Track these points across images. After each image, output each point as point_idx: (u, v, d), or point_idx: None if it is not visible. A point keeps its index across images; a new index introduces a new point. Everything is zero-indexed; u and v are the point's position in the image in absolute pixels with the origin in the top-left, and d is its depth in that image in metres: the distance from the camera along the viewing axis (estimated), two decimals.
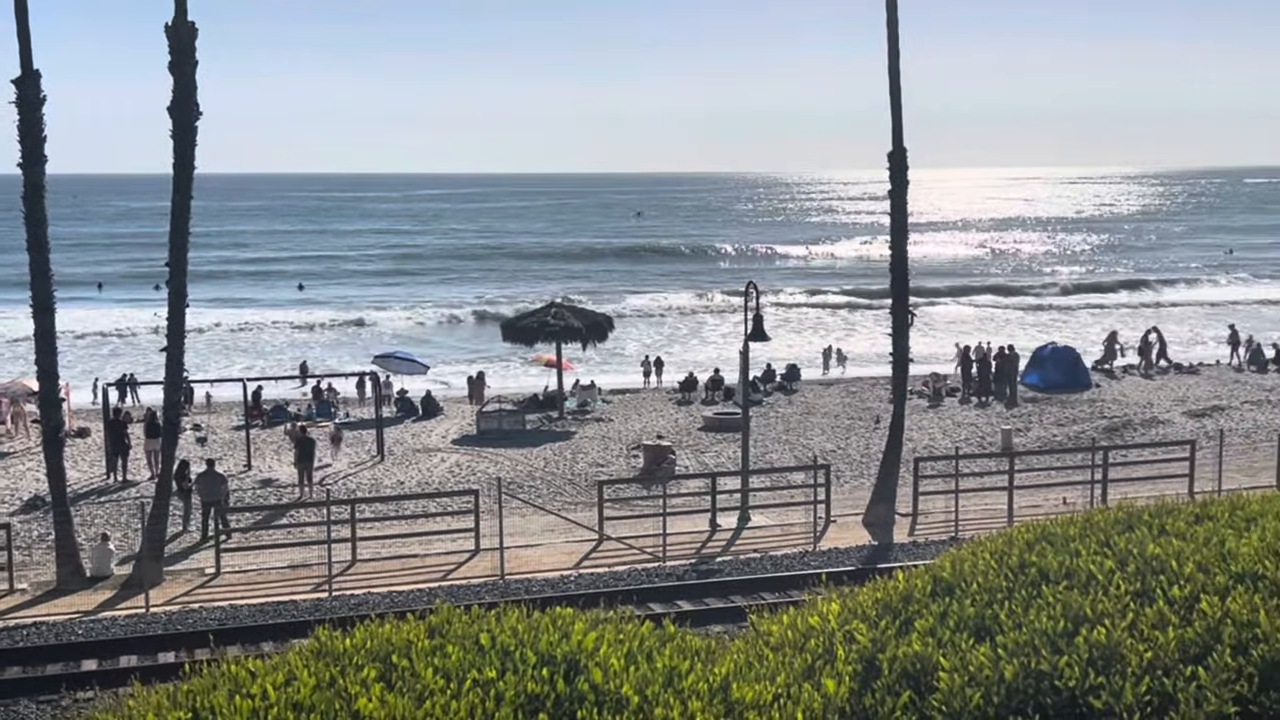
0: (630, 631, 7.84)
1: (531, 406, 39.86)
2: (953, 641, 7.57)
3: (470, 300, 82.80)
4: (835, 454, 33.02)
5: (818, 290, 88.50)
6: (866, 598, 8.57)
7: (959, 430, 36.25)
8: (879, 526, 26.01)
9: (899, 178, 27.55)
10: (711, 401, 41.44)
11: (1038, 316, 74.16)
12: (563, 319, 38.77)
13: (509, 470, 31.54)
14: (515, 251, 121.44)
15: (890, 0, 26.95)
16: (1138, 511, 9.69)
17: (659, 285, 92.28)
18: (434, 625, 8.11)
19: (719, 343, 62.84)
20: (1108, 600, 7.89)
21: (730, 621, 19.23)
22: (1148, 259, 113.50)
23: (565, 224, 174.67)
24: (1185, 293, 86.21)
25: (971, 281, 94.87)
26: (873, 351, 55.28)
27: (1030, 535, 9.35)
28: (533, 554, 24.24)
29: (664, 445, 32.33)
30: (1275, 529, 8.97)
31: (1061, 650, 7.29)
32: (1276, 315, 72.60)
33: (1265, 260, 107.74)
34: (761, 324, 27.21)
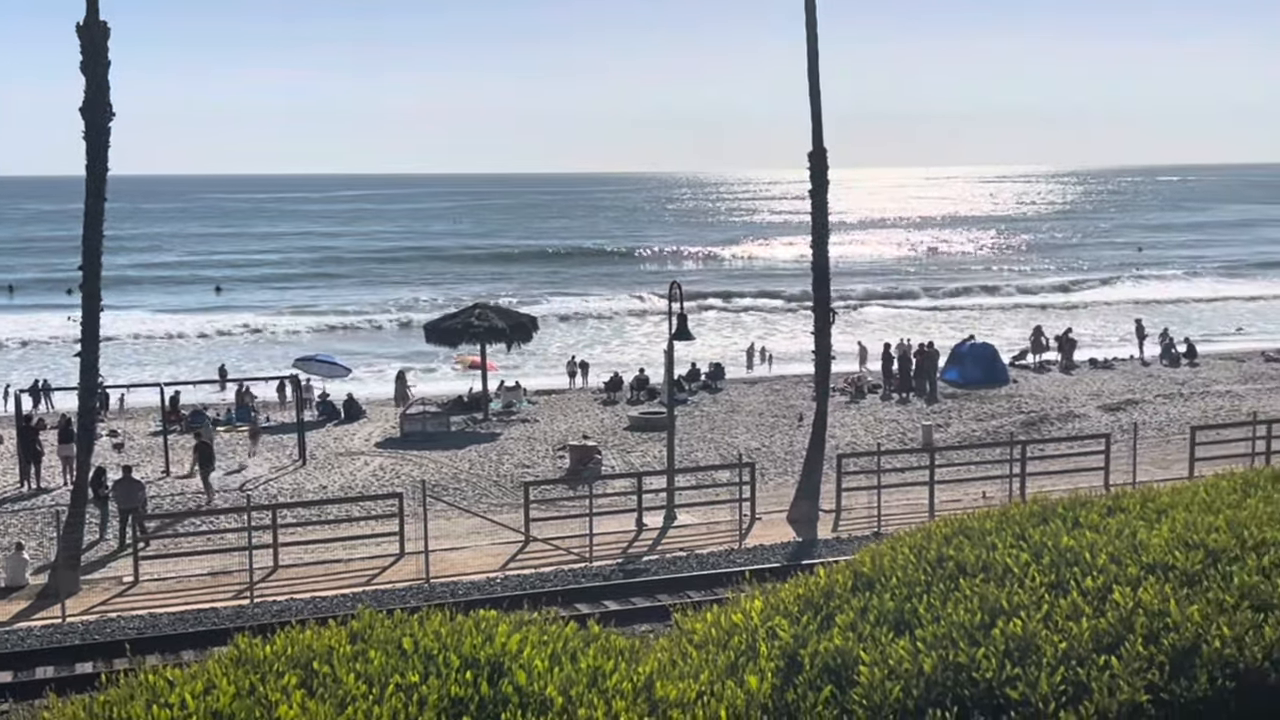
0: (554, 633, 7.84)
1: (456, 408, 39.63)
2: (873, 636, 7.67)
3: (392, 302, 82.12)
4: (760, 452, 33.23)
5: (742, 290, 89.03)
6: (789, 594, 8.64)
7: (881, 426, 36.66)
8: (803, 523, 26.22)
9: (819, 178, 27.79)
10: (637, 401, 41.51)
11: (954, 314, 75.18)
12: (487, 320, 38.59)
13: (434, 473, 31.34)
14: (437, 253, 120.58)
15: (809, 3, 27.22)
16: (1052, 505, 9.88)
17: (582, 286, 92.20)
18: (356, 630, 8.05)
19: (642, 343, 62.96)
20: (1023, 592, 8.04)
21: (657, 620, 19.27)
22: (1063, 256, 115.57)
23: (489, 224, 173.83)
24: (1098, 289, 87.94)
25: (892, 280, 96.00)
26: (797, 349, 55.70)
27: (948, 529, 9.50)
28: (459, 556, 24.12)
29: (590, 445, 32.33)
30: (1185, 520, 9.19)
31: (979, 642, 7.41)
32: (1184, 311, 74.34)
33: (1174, 257, 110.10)
34: (685, 323, 27.30)
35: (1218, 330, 65.25)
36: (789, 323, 69.99)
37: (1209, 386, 41.94)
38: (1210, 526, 8.94)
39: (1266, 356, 48.53)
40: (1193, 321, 67.04)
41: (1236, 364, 47.17)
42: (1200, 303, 78.06)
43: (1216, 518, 9.16)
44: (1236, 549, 8.53)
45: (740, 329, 68.70)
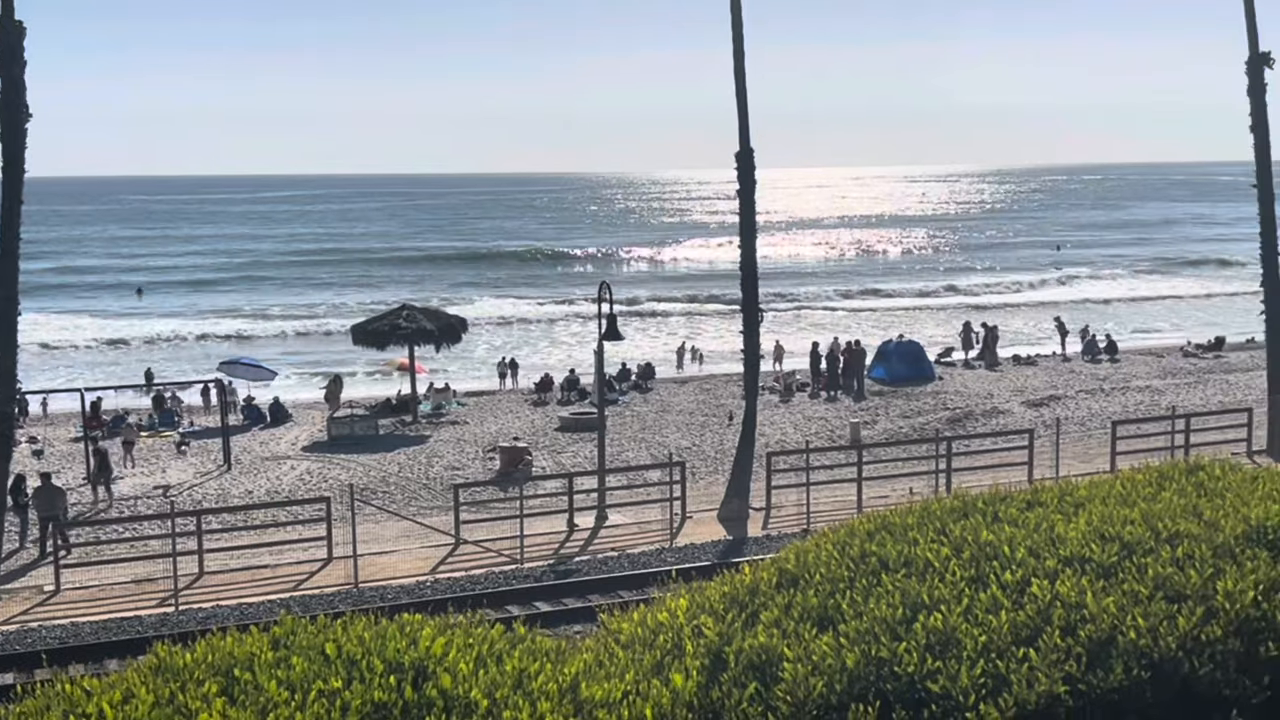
0: (480, 635, 7.82)
1: (384, 411, 39.33)
2: (797, 632, 7.74)
3: (318, 305, 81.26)
4: (690, 451, 33.35)
5: (672, 289, 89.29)
6: (714, 592, 8.69)
7: (810, 424, 36.94)
8: (734, 521, 26.37)
9: (747, 177, 27.97)
10: (567, 402, 41.47)
11: (880, 313, 75.92)
12: (415, 321, 38.34)
13: (362, 476, 31.09)
14: (364, 255, 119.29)
15: (735, 3, 27.38)
16: (973, 500, 10.02)
17: (512, 288, 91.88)
18: (278, 636, 7.96)
19: (572, 344, 62.90)
20: (944, 587, 8.14)
21: (589, 621, 19.28)
22: (985, 255, 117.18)
23: (418, 225, 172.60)
24: (1020, 287, 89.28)
25: (819, 279, 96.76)
26: (727, 349, 55.94)
27: (871, 525, 9.60)
28: (388, 560, 23.95)
29: (520, 447, 32.25)
30: (1101, 513, 9.36)
31: (900, 637, 7.50)
32: (1103, 308, 75.74)
33: (1094, 256, 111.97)
34: (615, 323, 27.31)
35: (1136, 326, 66.56)
36: (719, 322, 70.26)
37: (1129, 382, 42.74)
38: (1125, 519, 9.12)
39: (1185, 352, 49.57)
40: (1111, 318, 68.30)
41: (1156, 359, 48.14)
42: (1120, 302, 79.43)
43: (1132, 511, 9.35)
44: (1151, 541, 8.71)
45: (670, 329, 68.86)
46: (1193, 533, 8.82)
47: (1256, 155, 30.98)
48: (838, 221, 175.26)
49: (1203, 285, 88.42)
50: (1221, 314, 69.84)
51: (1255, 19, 30.39)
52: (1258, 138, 30.95)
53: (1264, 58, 30.47)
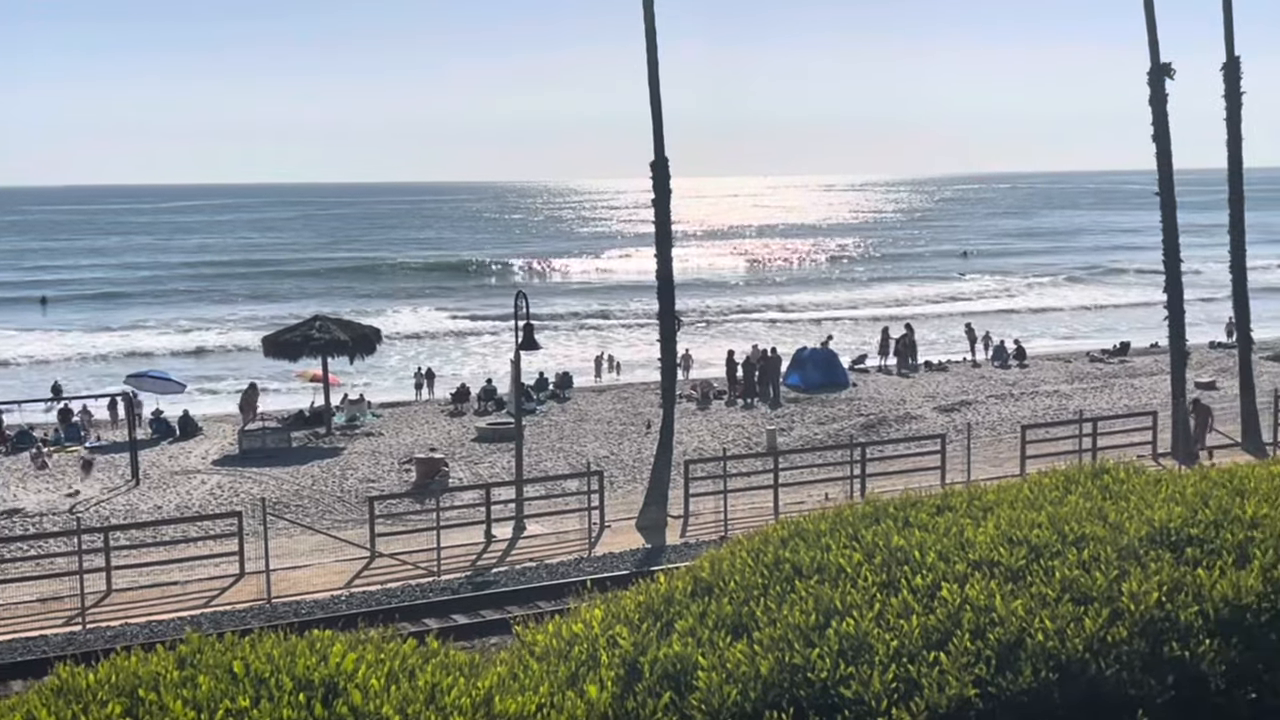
0: (391, 650, 7.72)
1: (297, 423, 38.80)
2: (711, 640, 7.73)
3: (226, 317, 79.94)
4: (609, 460, 33.35)
5: (589, 298, 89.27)
6: (630, 602, 8.66)
7: (727, 432, 37.12)
8: (652, 529, 26.43)
9: (662, 187, 28.10)
10: (484, 412, 41.24)
11: (795, 320, 76.54)
12: (328, 332, 37.90)
13: (274, 490, 30.64)
14: (276, 267, 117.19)
15: (648, 13, 27.49)
16: (884, 505, 10.10)
17: (426, 299, 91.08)
18: (184, 655, 7.78)
19: (487, 354, 62.54)
20: (856, 592, 8.19)
21: (507, 632, 19.19)
22: (896, 262, 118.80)
23: (330, 236, 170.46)
24: (930, 294, 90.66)
25: (734, 288, 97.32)
26: (644, 358, 56.02)
27: (785, 532, 9.63)
28: (302, 575, 23.65)
29: (436, 458, 32.02)
30: (1009, 517, 9.49)
31: (814, 643, 7.53)
32: (1010, 315, 77.14)
33: (1003, 265, 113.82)
34: (532, 333, 27.28)
35: (1043, 332, 67.85)
36: (636, 331, 70.36)
37: (1038, 387, 43.54)
38: (1033, 523, 9.24)
39: (1091, 357, 50.61)
40: (1018, 324, 69.52)
41: (1063, 364, 49.08)
42: (1030, 312, 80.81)
43: (1039, 514, 9.48)
44: (1058, 544, 8.84)
45: (588, 338, 68.83)
46: (1098, 535, 8.97)
47: (1159, 164, 31.76)
48: (754, 231, 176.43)
49: (1107, 292, 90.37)
50: (1126, 320, 71.46)
51: (1156, 31, 31.17)
52: (1159, 147, 31.74)
53: (1165, 69, 31.26)
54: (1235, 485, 10.24)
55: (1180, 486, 10.26)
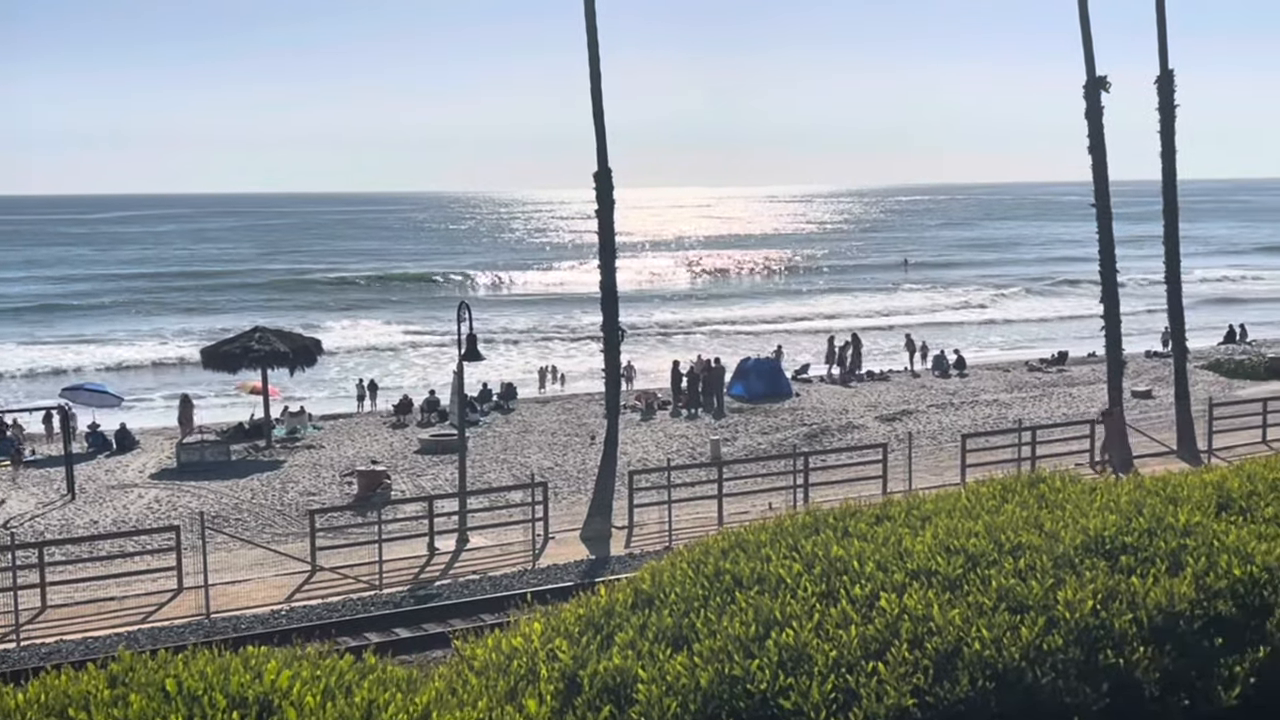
0: (328, 667, 7.63)
1: (237, 436, 38.35)
2: (651, 653, 7.72)
3: (164, 329, 78.82)
4: (553, 471, 33.27)
5: (533, 309, 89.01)
6: (570, 614, 8.63)
7: (671, 442, 37.16)
8: (596, 540, 26.38)
9: (605, 198, 28.12)
10: (428, 424, 40.98)
11: (738, 331, 76.82)
12: (268, 343, 37.51)
13: (213, 504, 30.27)
14: (215, 279, 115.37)
15: (590, 24, 27.52)
16: (824, 515, 10.15)
17: (369, 310, 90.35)
18: (116, 673, 7.65)
19: (430, 366, 62.17)
20: (796, 603, 8.22)
21: (449, 646, 19.04)
22: (838, 273, 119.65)
23: (270, 246, 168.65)
24: (871, 303, 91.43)
25: (678, 299, 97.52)
26: (588, 368, 55.97)
27: (725, 543, 9.65)
28: (241, 590, 23.36)
29: (379, 470, 31.77)
30: (947, 526, 9.56)
31: (754, 654, 7.54)
32: (949, 325, 77.94)
33: (942, 277, 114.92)
34: (475, 344, 27.17)
35: (982, 341, 68.60)
36: (580, 343, 70.28)
37: (978, 396, 43.98)
38: (970, 532, 9.32)
39: (1030, 366, 51.19)
40: (955, 333, 70.25)
41: (1003, 374, 49.62)
42: (969, 323, 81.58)
43: (976, 523, 9.57)
44: (994, 553, 8.92)
45: (532, 349, 68.66)
46: (1034, 544, 9.06)
47: (1094, 176, 32.20)
48: (699, 242, 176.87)
49: (1046, 302, 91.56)
50: (1064, 330, 72.42)
51: (1092, 45, 31.65)
52: (1095, 159, 32.19)
53: (1100, 82, 31.73)
54: (1168, 493, 10.39)
55: (1115, 495, 10.40)
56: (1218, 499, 10.29)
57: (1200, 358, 49.21)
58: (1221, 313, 70.53)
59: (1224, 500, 10.29)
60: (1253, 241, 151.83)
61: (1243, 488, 10.60)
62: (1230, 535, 9.14)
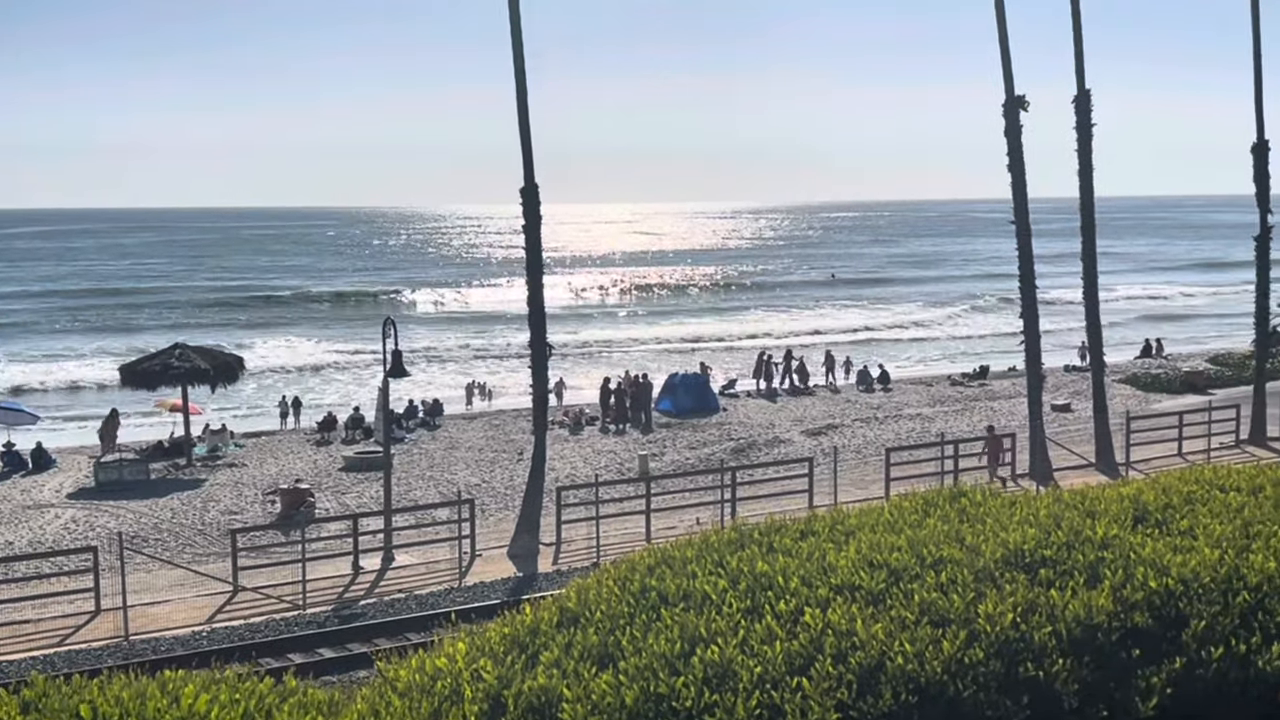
0: (247, 690, 7.52)
1: (156, 454, 37.67)
2: (577, 671, 7.70)
3: (80, 348, 77.14)
4: (480, 488, 33.07)
5: (460, 326, 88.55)
6: (495, 634, 8.58)
7: (599, 458, 37.11)
8: (524, 557, 26.25)
9: (532, 213, 28.05)
10: (352, 441, 40.57)
11: (666, 346, 76.97)
12: (188, 360, 36.92)
13: (132, 524, 29.70)
14: (129, 297, 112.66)
15: (516, 39, 27.48)
16: (749, 531, 10.19)
17: (292, 327, 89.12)
18: (28, 699, 7.47)
19: (355, 382, 61.56)
20: (721, 619, 8.24)
21: (374, 666, 18.85)
22: (764, 289, 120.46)
23: (191, 263, 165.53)
24: (797, 319, 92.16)
25: (606, 315, 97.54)
26: (516, 384, 55.77)
27: (651, 559, 9.66)
28: (161, 611, 22.93)
29: (302, 488, 31.38)
30: (870, 541, 9.64)
31: (679, 671, 7.54)
32: (875, 342, 78.82)
33: (867, 291, 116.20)
34: (400, 359, 26.95)
35: (905, 355, 69.43)
36: (508, 359, 70.02)
37: (901, 410, 44.46)
38: (893, 546, 9.41)
39: (952, 381, 51.86)
40: (878, 349, 71.01)
41: (925, 388, 50.21)
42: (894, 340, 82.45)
43: (899, 537, 9.66)
44: (917, 567, 9.01)
45: (459, 366, 68.29)
46: (955, 558, 9.16)
47: (1014, 193, 32.72)
48: (626, 258, 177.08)
49: (969, 317, 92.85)
50: (985, 344, 73.50)
51: (1011, 65, 32.20)
52: (1015, 176, 32.71)
53: (1019, 101, 32.28)
54: (1086, 507, 10.57)
55: (1034, 509, 10.55)
56: (1134, 512, 10.48)
57: (1117, 372, 50.15)
58: (1148, 328, 72.01)
59: (1140, 513, 10.48)
60: (1171, 258, 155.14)
61: (1158, 501, 10.81)
62: (1146, 548, 9.31)
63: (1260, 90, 36.69)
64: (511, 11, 27.39)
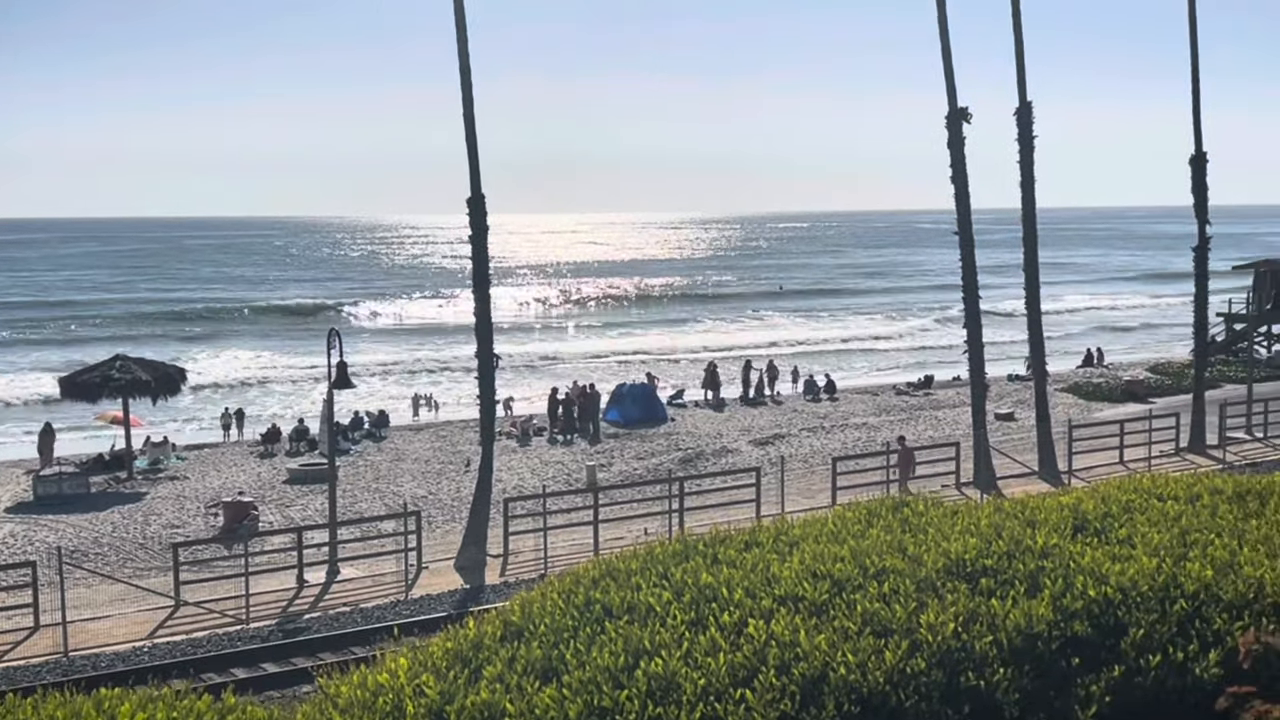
0: (185, 707, 7.41)
1: (96, 468, 37.10)
2: (520, 686, 7.66)
3: (18, 361, 75.74)
4: (427, 499, 32.85)
5: (404, 337, 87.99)
6: (438, 648, 8.52)
7: (547, 469, 37.00)
8: (471, 569, 26.10)
9: (479, 223, 27.97)
10: (297, 453, 40.16)
11: (613, 357, 76.95)
12: (129, 372, 36.40)
13: (72, 538, 29.23)
14: (69, 310, 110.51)
15: (462, 49, 27.42)
16: (694, 542, 10.19)
17: (235, 339, 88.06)
18: None
19: (297, 394, 61.00)
20: (665, 631, 8.24)
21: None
22: (712, 299, 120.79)
23: (128, 274, 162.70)
24: (745, 329, 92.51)
25: (552, 327, 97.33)
26: (462, 396, 55.51)
27: (596, 572, 9.63)
28: (101, 626, 22.58)
29: (245, 501, 31.02)
30: (814, 552, 9.68)
31: (623, 685, 7.53)
32: (821, 351, 79.24)
33: (813, 307, 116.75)
34: (345, 371, 26.74)
35: (851, 365, 69.86)
36: (456, 371, 69.66)
37: (848, 419, 44.69)
38: (836, 557, 9.45)
39: (897, 390, 52.20)
40: (824, 359, 71.35)
41: (871, 397, 50.50)
42: (841, 351, 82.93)
43: (842, 548, 9.70)
44: (859, 578, 9.05)
45: (406, 378, 67.86)
46: (898, 568, 9.22)
47: (957, 204, 33.05)
48: (574, 268, 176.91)
49: (915, 325, 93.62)
50: (930, 353, 74.09)
51: (954, 78, 32.54)
52: (958, 188, 33.04)
53: (962, 113, 32.62)
54: (1026, 516, 10.67)
55: (975, 518, 10.64)
56: (1074, 521, 10.59)
57: (1060, 381, 50.70)
58: (1102, 338, 72.82)
59: (1080, 522, 10.60)
60: (1118, 268, 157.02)
61: (1097, 510, 10.93)
62: (1085, 557, 9.41)
63: (1198, 103, 37.29)
64: (459, 32, 27.36)
